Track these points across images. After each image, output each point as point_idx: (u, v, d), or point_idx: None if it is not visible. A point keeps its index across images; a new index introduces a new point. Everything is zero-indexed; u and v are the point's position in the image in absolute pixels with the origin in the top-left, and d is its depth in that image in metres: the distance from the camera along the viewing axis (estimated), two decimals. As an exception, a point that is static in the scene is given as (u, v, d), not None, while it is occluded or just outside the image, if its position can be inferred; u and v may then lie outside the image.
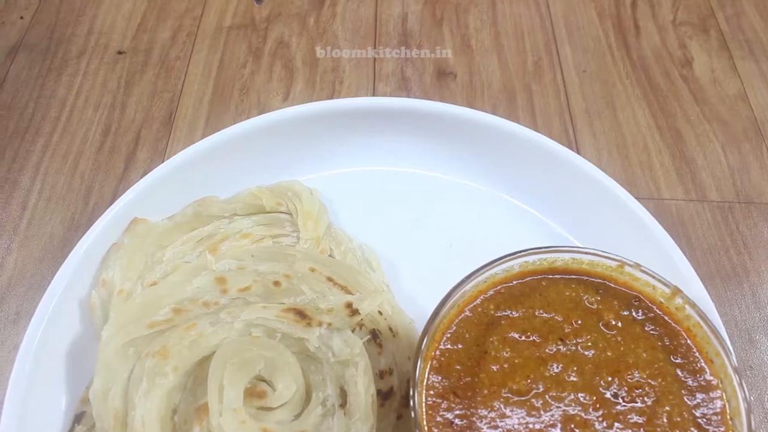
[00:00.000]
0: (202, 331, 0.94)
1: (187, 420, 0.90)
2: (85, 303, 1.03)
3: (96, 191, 1.26)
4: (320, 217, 1.10)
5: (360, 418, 0.88)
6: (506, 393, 0.83)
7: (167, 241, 1.09)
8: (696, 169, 1.32)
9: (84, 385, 0.97)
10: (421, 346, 0.83)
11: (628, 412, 0.82)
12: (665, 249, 1.05)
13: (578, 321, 0.89)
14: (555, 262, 0.93)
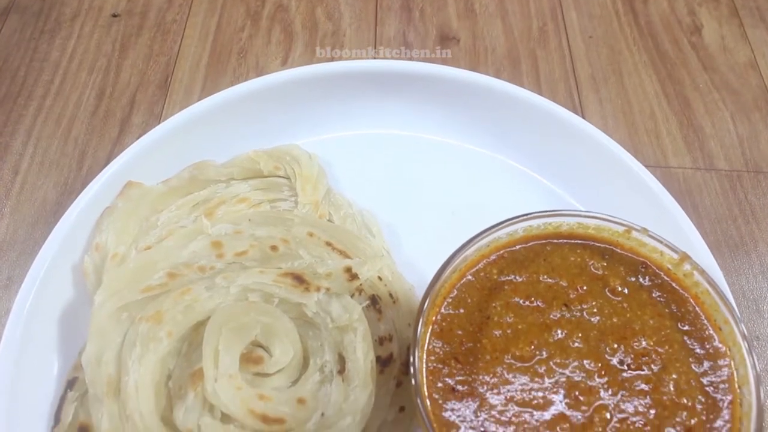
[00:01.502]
0: (197, 296, 0.91)
1: (181, 386, 0.87)
2: (78, 268, 1.00)
3: (90, 155, 1.23)
4: (319, 181, 1.07)
5: (358, 385, 0.86)
6: (509, 359, 0.81)
7: (162, 206, 1.06)
8: (704, 138, 1.29)
9: (77, 351, 0.95)
10: (422, 310, 0.80)
11: (634, 379, 0.80)
12: (673, 216, 1.03)
13: (583, 287, 0.86)
14: (560, 226, 0.90)
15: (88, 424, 0.88)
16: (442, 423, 0.77)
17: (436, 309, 0.84)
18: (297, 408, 0.86)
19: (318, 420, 0.85)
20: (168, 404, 0.88)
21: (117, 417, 0.86)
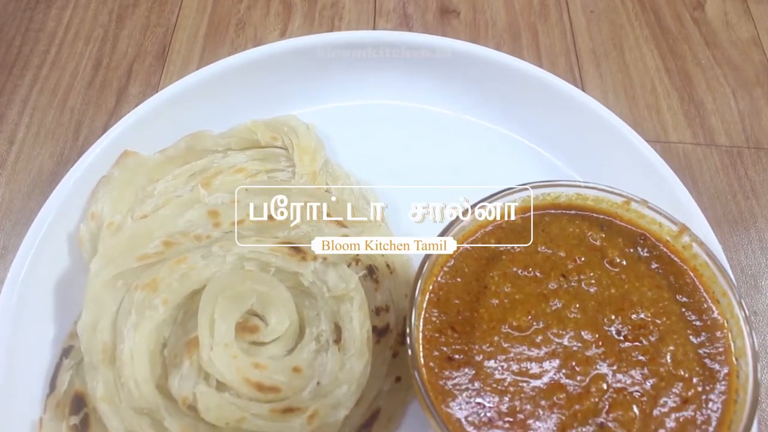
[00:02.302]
0: (193, 264, 0.91)
1: (177, 354, 0.87)
2: (74, 236, 1.00)
3: (86, 126, 1.22)
4: (317, 152, 1.06)
5: (354, 354, 0.86)
6: (506, 329, 0.80)
7: (158, 175, 1.05)
8: (705, 113, 1.28)
9: (72, 319, 0.95)
10: (419, 278, 0.80)
11: (632, 350, 0.80)
12: (672, 189, 1.02)
13: (581, 258, 0.86)
14: (558, 197, 0.90)
15: (83, 392, 0.88)
16: (438, 391, 0.77)
17: (433, 278, 0.83)
18: (292, 377, 0.85)
19: (314, 389, 0.85)
20: (163, 372, 0.88)
21: (112, 384, 0.86)
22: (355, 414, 0.86)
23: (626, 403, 0.76)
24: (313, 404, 0.83)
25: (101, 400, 0.85)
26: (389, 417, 0.88)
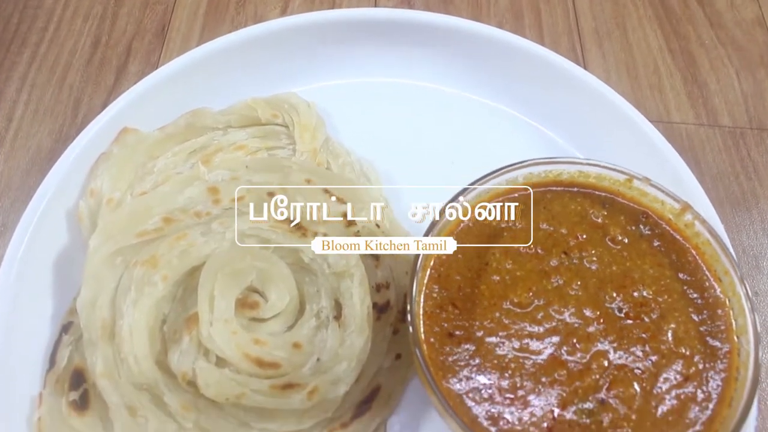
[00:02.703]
0: (192, 241, 0.90)
1: (176, 330, 0.87)
2: (73, 213, 0.99)
3: (85, 103, 1.22)
4: (317, 129, 1.06)
5: (355, 331, 0.86)
6: (507, 305, 0.80)
7: (158, 152, 1.05)
8: (708, 94, 1.27)
9: (71, 296, 0.95)
10: (419, 255, 0.80)
11: (633, 327, 0.79)
12: (674, 168, 1.02)
13: (583, 235, 0.85)
14: (561, 174, 0.89)
15: (82, 368, 0.88)
16: (438, 367, 0.76)
17: (434, 254, 0.83)
18: (292, 353, 0.85)
19: (314, 365, 0.85)
20: (163, 348, 0.87)
21: (111, 360, 0.86)
22: (355, 390, 0.86)
23: (627, 380, 0.76)
24: (313, 380, 0.83)
25: (101, 376, 0.85)
26: (389, 394, 0.88)
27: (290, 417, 0.84)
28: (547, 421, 0.74)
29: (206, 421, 0.84)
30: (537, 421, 0.74)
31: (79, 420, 0.85)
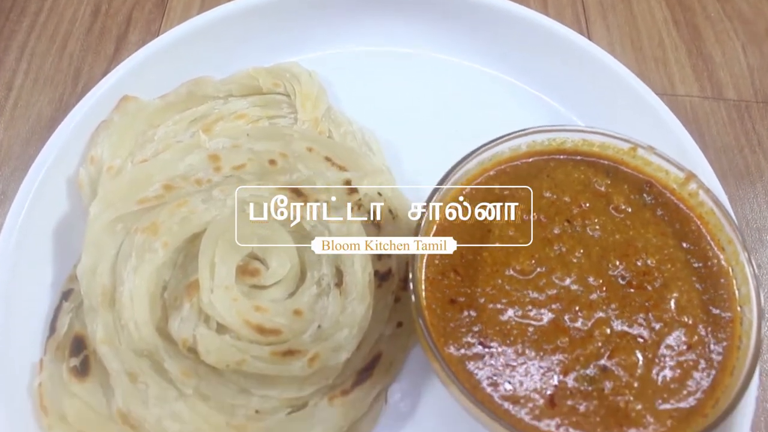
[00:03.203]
0: (193, 208, 0.90)
1: (177, 297, 0.87)
2: (73, 180, 0.99)
3: (85, 73, 1.21)
4: (319, 99, 1.05)
5: (356, 298, 0.85)
6: (509, 272, 0.80)
7: (159, 121, 1.04)
8: (713, 67, 1.26)
9: (72, 263, 0.94)
10: (421, 222, 0.79)
11: (635, 295, 0.79)
12: (678, 139, 1.01)
13: (586, 203, 0.85)
14: (564, 143, 0.89)
15: (83, 335, 0.88)
16: (440, 334, 0.76)
17: (436, 221, 0.82)
18: (293, 319, 0.85)
19: (314, 332, 0.85)
20: (163, 315, 0.87)
21: (112, 327, 0.85)
22: (356, 358, 0.86)
23: (629, 348, 0.76)
24: (313, 347, 0.83)
25: (101, 343, 0.84)
26: (390, 362, 0.88)
27: (291, 384, 0.84)
28: (548, 388, 0.74)
29: (206, 388, 0.83)
30: (539, 388, 0.74)
31: (80, 386, 0.85)
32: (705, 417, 0.73)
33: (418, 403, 0.89)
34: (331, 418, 0.83)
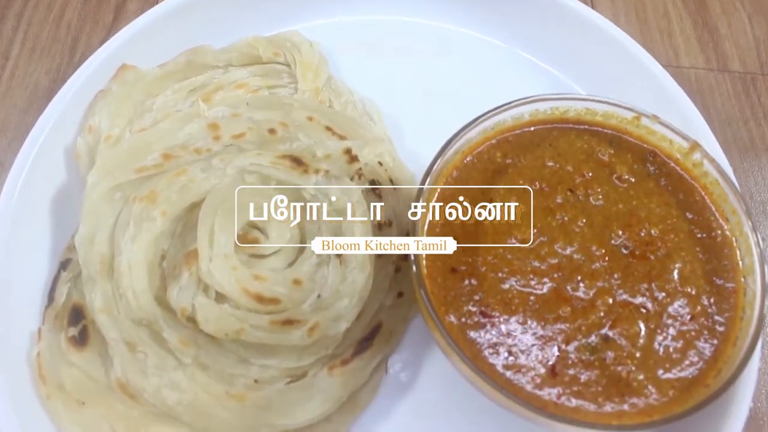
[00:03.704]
0: (192, 177, 0.89)
1: (176, 266, 0.86)
2: (71, 150, 0.98)
3: (83, 42, 1.19)
4: (320, 68, 1.03)
5: (356, 267, 0.85)
6: (511, 241, 0.79)
7: (157, 90, 1.03)
8: (719, 39, 1.24)
9: (70, 233, 0.93)
10: (422, 189, 0.78)
11: (638, 265, 0.79)
12: (682, 110, 1.00)
13: (589, 173, 0.84)
14: (567, 112, 0.88)
15: (81, 304, 0.87)
16: (440, 302, 0.76)
17: (437, 189, 0.82)
18: (293, 289, 0.84)
19: (314, 301, 0.84)
20: (162, 285, 0.86)
21: (110, 296, 0.85)
22: (357, 327, 0.85)
23: (631, 318, 0.76)
24: (313, 316, 0.83)
25: (99, 312, 0.84)
26: (391, 331, 0.87)
27: (290, 353, 0.83)
28: (550, 357, 0.74)
29: (205, 357, 0.83)
30: (540, 357, 0.74)
31: (78, 356, 0.84)
32: (707, 387, 0.73)
33: (418, 374, 0.89)
34: (331, 388, 0.83)
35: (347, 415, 0.84)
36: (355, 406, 0.85)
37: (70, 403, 0.82)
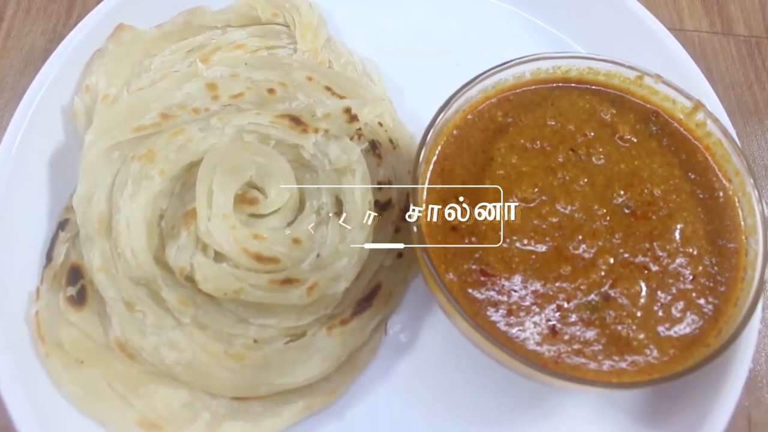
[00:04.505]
0: (191, 136, 0.88)
1: (174, 225, 0.86)
2: (68, 110, 0.97)
3: (79, 3, 1.18)
4: (319, 29, 1.02)
5: (356, 227, 0.84)
6: (512, 200, 0.78)
7: (155, 50, 1.02)
8: (724, 2, 1.23)
9: (68, 194, 0.92)
10: (423, 147, 0.77)
11: (640, 225, 0.78)
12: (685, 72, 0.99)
13: (591, 132, 0.83)
14: (569, 71, 0.87)
15: (79, 264, 0.87)
16: (441, 260, 0.75)
17: (438, 147, 0.81)
18: (292, 248, 0.84)
19: (313, 261, 0.84)
20: (160, 244, 0.86)
21: (109, 255, 0.85)
22: (356, 288, 0.85)
23: (632, 278, 0.75)
24: (312, 276, 0.82)
25: (98, 271, 0.84)
26: (390, 292, 0.87)
27: (289, 313, 0.83)
28: (550, 316, 0.73)
29: (204, 317, 0.83)
30: (540, 315, 0.73)
31: (77, 315, 0.84)
32: (707, 347, 0.73)
33: (417, 335, 0.89)
34: (330, 348, 0.83)
35: (346, 375, 0.85)
36: (354, 366, 0.85)
37: (68, 362, 0.82)
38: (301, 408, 0.82)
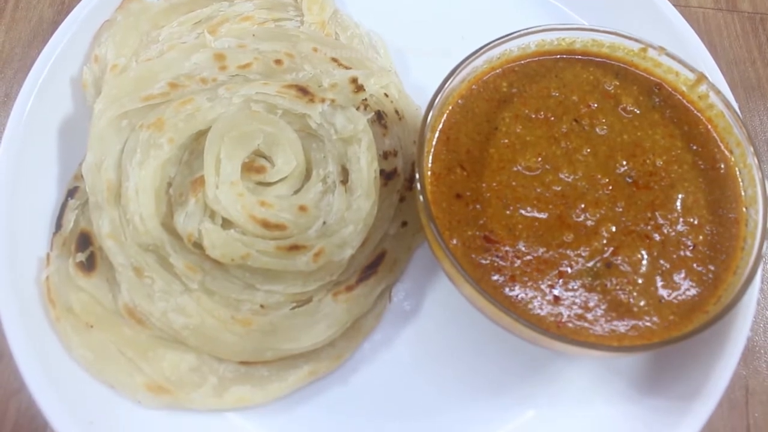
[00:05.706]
0: (199, 106, 0.89)
1: (182, 192, 0.87)
2: (77, 80, 0.98)
3: (88, -26, 1.18)
4: (326, 1, 1.03)
5: (361, 195, 0.85)
6: (515, 168, 0.79)
7: (163, 22, 1.02)
8: (728, -22, 1.23)
9: (77, 162, 0.94)
10: (428, 114, 0.78)
11: (642, 195, 0.79)
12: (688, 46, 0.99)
13: (594, 104, 0.84)
14: (574, 43, 0.87)
15: (89, 231, 0.88)
16: (445, 227, 0.76)
17: (442, 116, 0.82)
18: (298, 215, 0.85)
19: (319, 228, 0.85)
20: (168, 211, 0.87)
21: (118, 222, 0.86)
22: (361, 255, 0.87)
23: (634, 246, 0.77)
24: (318, 243, 0.84)
25: (107, 237, 0.85)
26: (395, 260, 0.88)
27: (296, 279, 0.85)
28: (553, 281, 0.74)
29: (212, 283, 0.84)
30: (543, 281, 0.74)
31: (86, 281, 0.85)
32: (706, 313, 0.74)
33: (421, 303, 0.90)
34: (335, 314, 0.84)
35: (351, 341, 0.86)
36: (359, 332, 0.87)
37: (78, 326, 0.83)
38: (307, 373, 0.83)
